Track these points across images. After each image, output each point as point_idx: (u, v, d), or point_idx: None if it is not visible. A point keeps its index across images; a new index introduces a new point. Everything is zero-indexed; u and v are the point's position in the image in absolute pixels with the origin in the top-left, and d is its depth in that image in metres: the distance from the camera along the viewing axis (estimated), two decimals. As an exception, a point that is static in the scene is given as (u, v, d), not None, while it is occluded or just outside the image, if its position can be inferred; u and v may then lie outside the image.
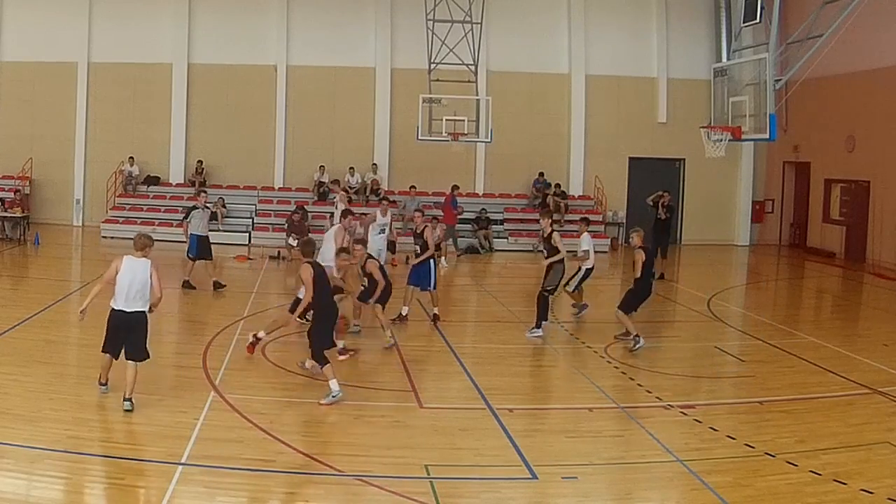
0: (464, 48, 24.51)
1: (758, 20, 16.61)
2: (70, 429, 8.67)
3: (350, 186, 27.57)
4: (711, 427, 9.50)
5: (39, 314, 14.24)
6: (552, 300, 14.39)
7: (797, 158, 28.29)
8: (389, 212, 18.36)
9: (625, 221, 27.99)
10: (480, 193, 28.30)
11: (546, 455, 8.64)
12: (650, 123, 29.02)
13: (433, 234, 15.27)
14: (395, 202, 18.73)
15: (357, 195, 27.50)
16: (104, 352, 9.56)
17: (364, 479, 7.82)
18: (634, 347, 12.98)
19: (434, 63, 24.21)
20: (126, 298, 9.27)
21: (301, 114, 28.28)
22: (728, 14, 27.38)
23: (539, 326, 13.93)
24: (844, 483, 7.86)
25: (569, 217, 26.35)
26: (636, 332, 13.10)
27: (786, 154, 28.41)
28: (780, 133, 19.94)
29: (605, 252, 26.46)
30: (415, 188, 26.57)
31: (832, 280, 23.09)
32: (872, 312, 18.44)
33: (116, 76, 27.70)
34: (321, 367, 10.18)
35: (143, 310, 9.40)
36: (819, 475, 8.07)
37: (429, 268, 14.83)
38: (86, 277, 17.68)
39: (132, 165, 27.50)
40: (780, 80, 15.83)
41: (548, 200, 26.78)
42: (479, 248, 25.96)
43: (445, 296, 17.23)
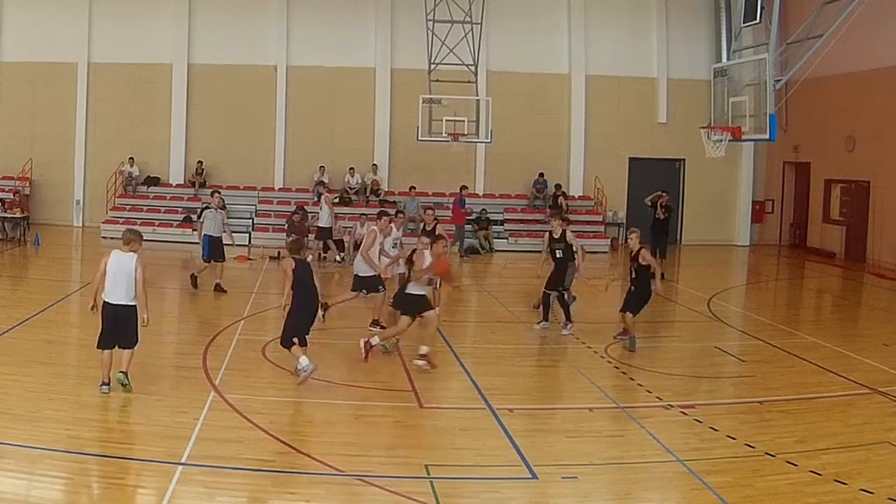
0: (464, 48, 24.51)
1: (758, 20, 16.61)
2: (70, 429, 8.66)
3: (350, 187, 27.61)
4: (711, 427, 9.50)
5: (39, 314, 14.23)
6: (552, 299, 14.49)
7: (797, 158, 28.29)
8: (403, 226, 17.91)
9: (625, 221, 28.00)
10: (480, 194, 28.27)
11: (546, 455, 8.63)
12: (650, 123, 29.03)
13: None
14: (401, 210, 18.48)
15: (357, 196, 27.53)
16: (100, 348, 9.78)
17: (364, 479, 7.82)
18: (633, 347, 13.01)
19: (434, 63, 24.21)
20: (112, 291, 9.66)
21: (301, 114, 28.28)
22: (728, 14, 27.37)
23: (569, 321, 14.24)
24: (844, 483, 7.85)
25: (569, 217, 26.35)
26: (635, 334, 13.15)
27: (786, 154, 28.41)
28: (780, 133, 19.94)
29: (606, 252, 26.48)
30: (415, 188, 26.58)
31: (832, 280, 23.09)
32: (872, 312, 18.44)
33: (116, 76, 27.71)
34: (289, 350, 10.68)
35: (131, 303, 9.70)
36: (819, 475, 8.07)
37: None
38: (86, 278, 17.64)
39: (132, 166, 27.51)
40: (780, 80, 15.84)
41: (559, 202, 26.70)
42: (480, 249, 25.96)
43: (446, 296, 17.19)
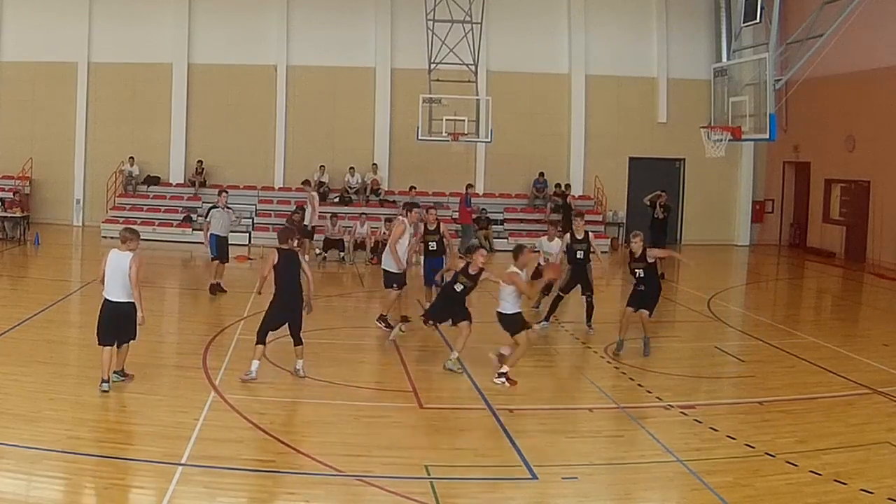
0: (464, 48, 24.50)
1: (758, 20, 16.60)
2: (70, 429, 8.66)
3: (350, 186, 27.60)
4: (711, 427, 9.50)
5: (39, 314, 14.24)
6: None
7: (797, 158, 28.28)
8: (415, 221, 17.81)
9: (625, 221, 28.03)
10: (480, 193, 28.24)
11: (546, 455, 8.63)
12: (650, 123, 29.02)
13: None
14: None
15: (357, 195, 27.52)
16: (100, 345, 9.91)
17: (364, 479, 7.82)
18: (648, 352, 12.65)
19: (434, 63, 24.20)
20: (111, 289, 9.93)
21: (301, 114, 28.28)
22: (728, 14, 27.36)
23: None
24: (844, 483, 7.86)
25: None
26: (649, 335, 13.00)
27: (786, 154, 28.40)
28: (780, 133, 19.91)
29: (606, 252, 26.42)
30: (415, 188, 26.56)
31: (832, 280, 23.08)
32: (872, 312, 18.45)
33: (116, 76, 27.71)
34: (255, 345, 10.73)
35: (127, 300, 9.91)
36: (819, 475, 8.07)
37: (443, 265, 14.76)
38: (86, 277, 17.65)
39: (132, 165, 27.51)
40: (780, 80, 15.83)
41: (569, 201, 26.60)
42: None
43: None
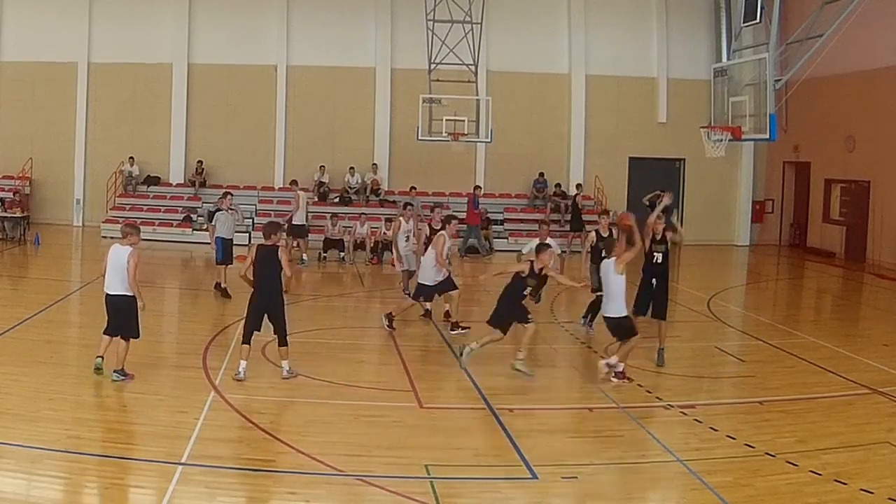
0: (464, 48, 24.49)
1: (758, 20, 16.62)
2: (70, 429, 8.66)
3: (350, 186, 27.60)
4: (711, 427, 9.49)
5: (39, 314, 14.24)
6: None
7: (797, 158, 28.28)
8: (412, 219, 17.84)
9: (625, 221, 27.96)
10: (480, 193, 28.23)
11: (546, 455, 8.62)
12: (650, 123, 29.01)
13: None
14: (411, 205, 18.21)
15: (357, 195, 27.52)
16: (104, 333, 10.35)
17: (364, 479, 7.82)
18: (662, 361, 12.40)
19: (434, 63, 24.19)
20: (111, 282, 10.32)
21: (301, 114, 28.27)
22: (728, 14, 27.36)
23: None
24: (844, 483, 7.86)
25: (568, 217, 26.38)
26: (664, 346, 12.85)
27: (786, 154, 28.40)
28: (780, 133, 19.93)
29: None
30: (415, 188, 26.56)
31: (832, 280, 23.08)
32: (872, 312, 18.44)
33: (116, 76, 27.71)
34: (241, 344, 10.79)
35: (125, 293, 10.22)
36: (819, 475, 8.07)
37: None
38: (86, 277, 17.65)
39: (132, 165, 27.50)
40: (780, 80, 15.85)
41: (576, 200, 26.54)
42: (479, 249, 25.91)
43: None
